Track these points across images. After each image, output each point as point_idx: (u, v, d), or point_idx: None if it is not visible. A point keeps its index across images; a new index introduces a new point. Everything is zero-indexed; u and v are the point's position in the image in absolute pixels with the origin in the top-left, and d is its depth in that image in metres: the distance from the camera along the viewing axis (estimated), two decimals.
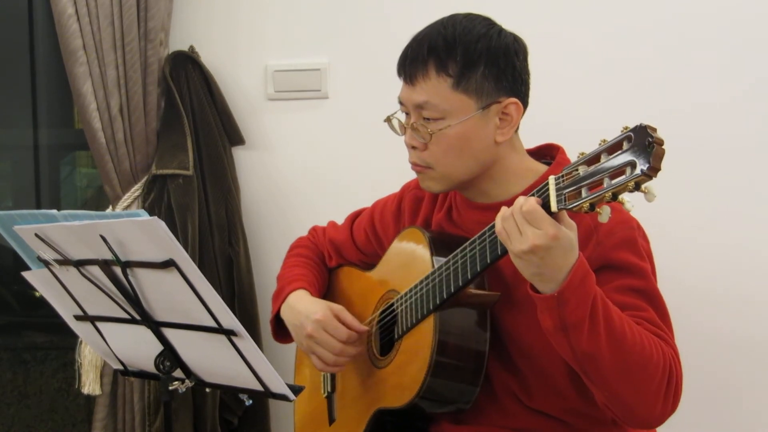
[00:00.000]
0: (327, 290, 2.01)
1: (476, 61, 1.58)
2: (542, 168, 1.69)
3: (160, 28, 2.49)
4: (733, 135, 2.37)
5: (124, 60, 2.47)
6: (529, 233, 1.35)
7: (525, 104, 1.65)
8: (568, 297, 1.38)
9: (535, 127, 1.76)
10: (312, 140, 2.60)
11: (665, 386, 1.46)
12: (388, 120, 1.71)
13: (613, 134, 1.31)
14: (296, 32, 2.59)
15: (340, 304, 1.83)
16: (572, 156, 1.47)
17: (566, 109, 2.40)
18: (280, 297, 1.91)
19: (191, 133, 2.53)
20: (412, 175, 1.98)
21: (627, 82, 2.41)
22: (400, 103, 1.68)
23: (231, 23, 2.61)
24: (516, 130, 1.67)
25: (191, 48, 2.58)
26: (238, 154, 2.63)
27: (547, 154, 1.74)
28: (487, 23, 1.63)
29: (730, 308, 2.40)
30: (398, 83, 2.44)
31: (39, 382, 2.86)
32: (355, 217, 2.02)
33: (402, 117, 1.69)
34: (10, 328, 2.94)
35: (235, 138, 2.60)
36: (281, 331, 1.94)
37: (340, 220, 2.12)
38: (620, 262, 1.55)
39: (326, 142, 2.60)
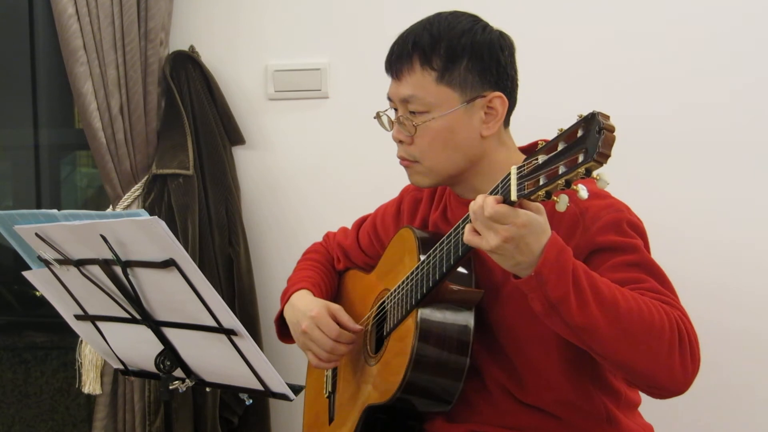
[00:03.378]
0: (335, 292, 2.04)
1: (460, 55, 1.61)
2: None
3: (161, 28, 2.49)
4: (738, 132, 2.37)
5: (124, 60, 2.47)
6: (499, 228, 1.36)
7: (512, 100, 1.67)
8: (547, 274, 1.38)
9: (533, 124, 1.75)
10: (312, 140, 2.61)
11: (678, 347, 1.45)
12: (378, 116, 1.74)
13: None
14: (296, 32, 2.59)
15: (346, 306, 1.86)
16: None
17: (564, 108, 2.39)
18: (284, 297, 1.95)
19: (191, 132, 2.53)
20: None
21: (623, 81, 2.40)
22: (389, 99, 1.71)
23: (231, 23, 2.61)
24: (506, 126, 1.69)
25: (191, 48, 2.58)
26: (238, 153, 2.63)
27: None
28: (473, 19, 1.66)
29: (734, 305, 2.38)
30: None
31: (39, 381, 2.86)
32: (361, 222, 2.05)
33: (392, 114, 1.72)
34: (10, 327, 2.94)
35: (236, 138, 2.60)
36: (285, 331, 1.96)
37: (340, 221, 2.13)
38: (608, 244, 1.55)
39: (326, 141, 2.60)
